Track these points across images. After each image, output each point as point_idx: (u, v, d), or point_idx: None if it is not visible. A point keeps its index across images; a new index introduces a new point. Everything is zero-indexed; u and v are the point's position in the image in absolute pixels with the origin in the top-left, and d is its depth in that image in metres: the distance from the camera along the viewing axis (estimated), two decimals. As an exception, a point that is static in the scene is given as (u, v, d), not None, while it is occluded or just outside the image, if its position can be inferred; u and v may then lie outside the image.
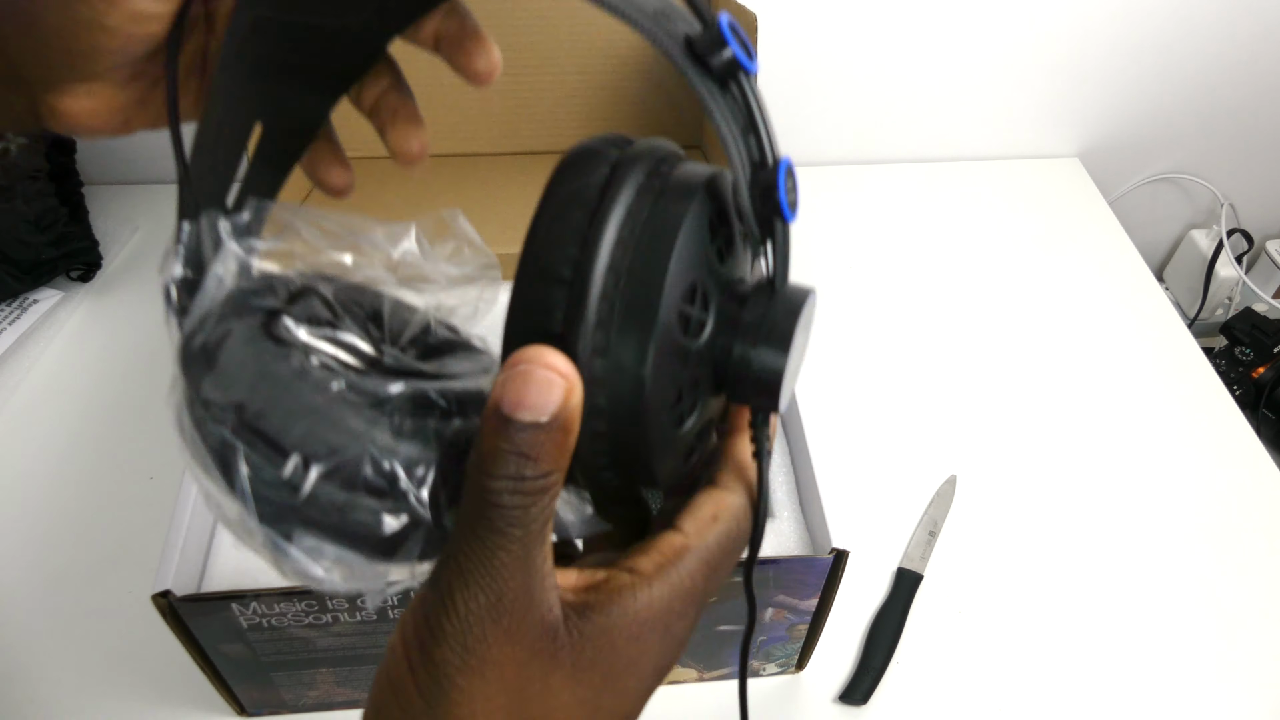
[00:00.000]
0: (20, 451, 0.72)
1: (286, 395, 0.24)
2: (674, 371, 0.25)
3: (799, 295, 0.27)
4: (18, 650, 0.61)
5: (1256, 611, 0.66)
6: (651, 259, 0.24)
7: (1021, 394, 0.80)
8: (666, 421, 0.25)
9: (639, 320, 0.24)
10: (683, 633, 0.26)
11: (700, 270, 0.25)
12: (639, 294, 0.24)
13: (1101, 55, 0.98)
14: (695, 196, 0.25)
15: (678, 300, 0.24)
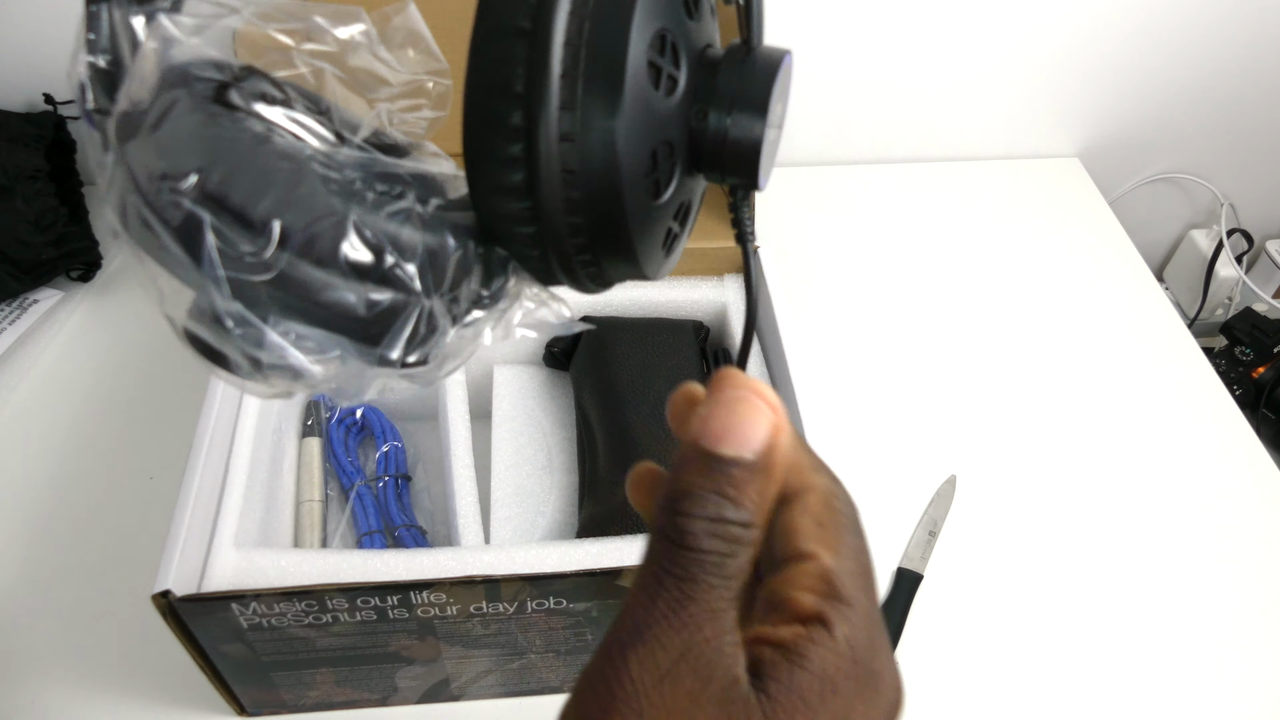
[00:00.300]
0: (20, 451, 0.72)
1: (252, 161, 0.22)
2: (646, 130, 0.23)
3: (775, 56, 0.25)
4: (18, 650, 0.61)
5: (1257, 611, 0.66)
6: (615, 2, 0.22)
7: (1021, 394, 0.80)
8: (642, 188, 0.23)
9: (606, 68, 0.22)
10: (884, 666, 0.21)
11: (669, 18, 0.23)
12: (605, 39, 0.22)
13: (1101, 55, 0.98)
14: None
15: (645, 48, 0.22)
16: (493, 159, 0.22)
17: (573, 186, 0.22)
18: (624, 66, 0.22)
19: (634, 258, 0.24)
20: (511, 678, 0.58)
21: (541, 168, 0.22)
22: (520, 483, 0.67)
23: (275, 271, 0.21)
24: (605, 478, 0.62)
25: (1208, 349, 0.92)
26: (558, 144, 0.22)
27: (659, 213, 0.25)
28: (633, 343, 0.67)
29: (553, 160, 0.22)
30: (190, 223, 0.21)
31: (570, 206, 0.23)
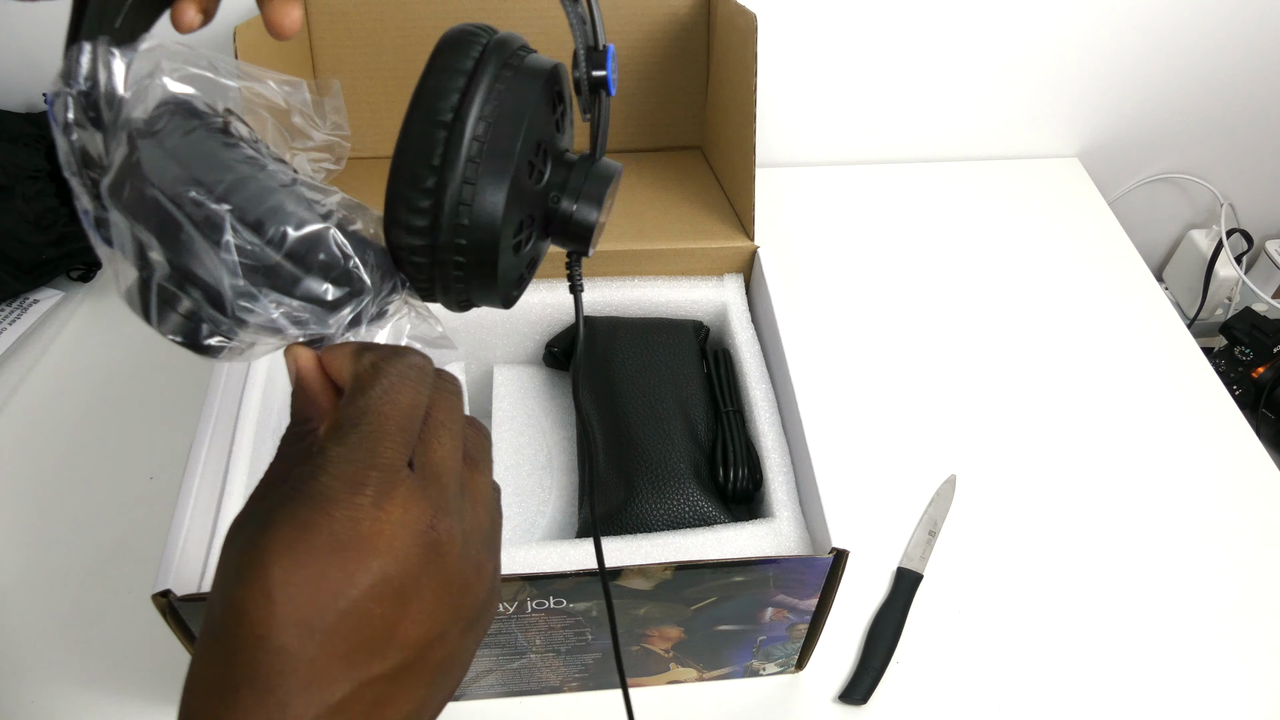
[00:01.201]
0: (20, 451, 0.72)
1: (258, 183, 0.30)
2: (519, 207, 0.32)
3: (611, 168, 0.35)
4: (18, 650, 0.61)
5: (1256, 610, 0.66)
6: (513, 114, 0.31)
7: (1021, 394, 0.80)
8: (510, 246, 0.33)
9: (500, 161, 0.31)
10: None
11: (545, 132, 0.33)
12: (502, 139, 0.31)
13: (1101, 55, 0.98)
14: (544, 75, 0.32)
15: (529, 151, 0.32)
16: (409, 207, 0.31)
17: (461, 238, 0.31)
18: (512, 162, 0.31)
19: (495, 291, 0.33)
20: (511, 678, 0.58)
21: (444, 220, 0.31)
22: (520, 483, 0.67)
23: (271, 263, 0.30)
24: (605, 478, 0.62)
25: (1207, 349, 0.92)
26: (457, 206, 0.31)
27: (517, 263, 0.34)
28: (633, 343, 0.67)
29: (452, 217, 0.31)
30: (214, 219, 0.29)
31: (458, 250, 0.31)
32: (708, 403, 0.65)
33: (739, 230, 0.72)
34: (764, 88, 0.68)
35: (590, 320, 0.70)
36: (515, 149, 0.31)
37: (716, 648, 0.58)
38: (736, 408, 0.65)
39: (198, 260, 0.29)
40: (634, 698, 0.61)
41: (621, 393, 0.64)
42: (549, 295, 0.70)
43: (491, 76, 0.31)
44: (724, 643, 0.57)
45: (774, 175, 1.00)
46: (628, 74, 0.84)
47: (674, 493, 0.59)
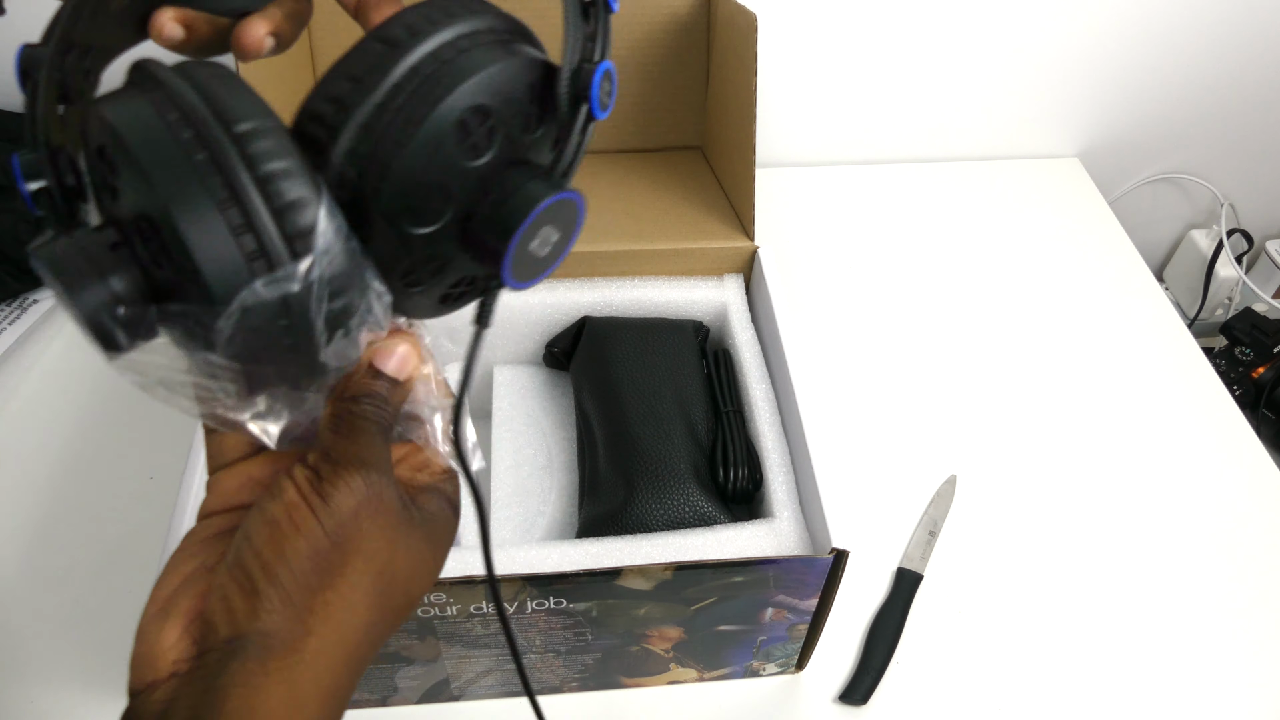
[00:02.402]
0: (20, 451, 0.72)
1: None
2: (435, 169, 0.27)
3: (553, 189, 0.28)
4: (18, 650, 0.61)
5: (1257, 611, 0.66)
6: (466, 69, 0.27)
7: (1021, 394, 0.80)
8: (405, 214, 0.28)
9: (418, 108, 0.26)
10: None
11: (502, 104, 0.28)
12: (440, 84, 0.27)
13: (1101, 55, 0.98)
14: (534, 65, 0.29)
15: (464, 107, 0.27)
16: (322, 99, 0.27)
17: (343, 190, 0.27)
18: (432, 110, 0.26)
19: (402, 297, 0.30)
20: (511, 678, 0.58)
21: (329, 168, 0.27)
22: (520, 483, 0.67)
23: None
24: (605, 478, 0.62)
25: (1208, 349, 0.92)
26: (344, 156, 0.27)
27: (417, 243, 0.29)
28: (633, 343, 0.67)
29: (336, 166, 0.27)
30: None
31: (340, 202, 0.27)
32: (708, 403, 0.65)
33: (739, 230, 0.72)
34: (764, 88, 0.68)
35: (590, 320, 0.70)
36: (443, 98, 0.27)
37: (716, 648, 0.58)
38: (736, 408, 0.65)
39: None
40: (634, 698, 0.61)
41: (621, 393, 0.64)
42: (549, 295, 0.70)
43: (473, 31, 0.28)
44: (724, 643, 0.57)
45: (774, 175, 1.00)
46: (628, 74, 0.84)
47: (674, 493, 0.59)
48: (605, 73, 0.29)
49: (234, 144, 0.25)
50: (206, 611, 0.27)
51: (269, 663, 0.26)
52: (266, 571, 0.26)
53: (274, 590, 0.26)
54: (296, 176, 0.25)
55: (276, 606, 0.26)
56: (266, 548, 0.27)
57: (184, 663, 0.27)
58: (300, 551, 0.27)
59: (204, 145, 0.25)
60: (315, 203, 0.25)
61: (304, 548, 0.27)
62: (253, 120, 0.25)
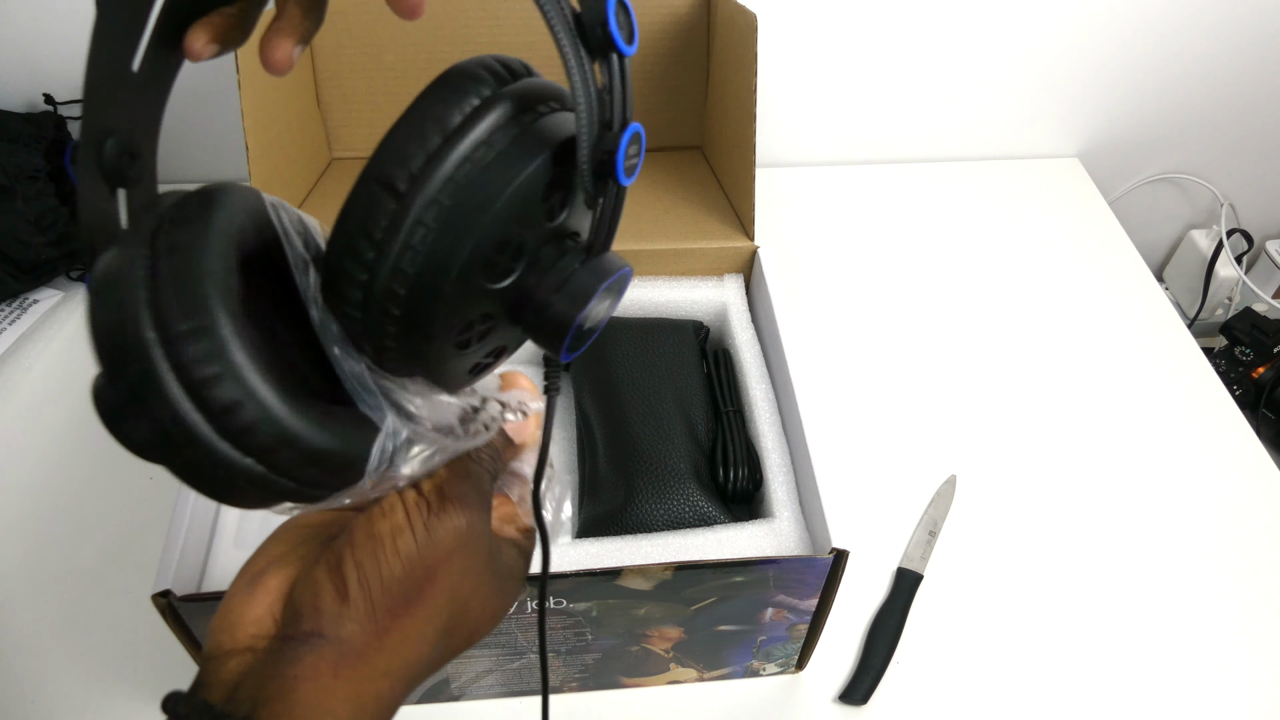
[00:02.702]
0: (20, 451, 0.72)
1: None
2: (465, 305, 0.27)
3: (610, 265, 0.29)
4: (18, 650, 0.61)
5: (1257, 611, 0.66)
6: (478, 201, 0.26)
7: (1021, 394, 0.80)
8: (449, 343, 0.28)
9: (442, 259, 0.26)
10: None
11: (522, 225, 0.27)
12: (450, 236, 0.26)
13: (1101, 55, 0.98)
14: (541, 155, 0.26)
15: (488, 250, 0.27)
16: (342, 273, 0.27)
17: (389, 323, 0.27)
18: (453, 266, 0.26)
19: (440, 384, 0.30)
20: (511, 678, 0.58)
21: (373, 302, 0.26)
22: (520, 483, 0.67)
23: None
24: (605, 478, 0.62)
25: (1208, 349, 0.92)
26: (388, 284, 0.26)
27: (463, 357, 0.30)
28: (633, 343, 0.67)
29: (383, 294, 0.26)
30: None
31: (386, 334, 0.27)
32: (708, 403, 0.65)
33: (739, 230, 0.72)
34: (764, 88, 0.68)
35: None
36: (463, 253, 0.26)
37: (716, 648, 0.58)
38: (736, 408, 0.65)
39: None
40: (634, 698, 0.61)
41: (621, 393, 0.64)
42: (549, 295, 0.70)
43: (471, 147, 0.26)
44: (724, 643, 0.57)
45: (774, 175, 1.00)
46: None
47: (674, 493, 0.59)
48: (633, 137, 0.26)
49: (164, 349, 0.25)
50: (295, 599, 0.28)
51: (341, 667, 0.27)
52: (361, 582, 0.28)
53: (363, 601, 0.27)
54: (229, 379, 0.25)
55: (360, 616, 0.27)
56: (367, 560, 0.28)
57: (262, 639, 0.28)
58: (395, 573, 0.28)
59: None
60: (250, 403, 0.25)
61: (399, 570, 0.28)
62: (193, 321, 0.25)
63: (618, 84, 0.26)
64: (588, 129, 0.26)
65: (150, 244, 0.26)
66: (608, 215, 0.28)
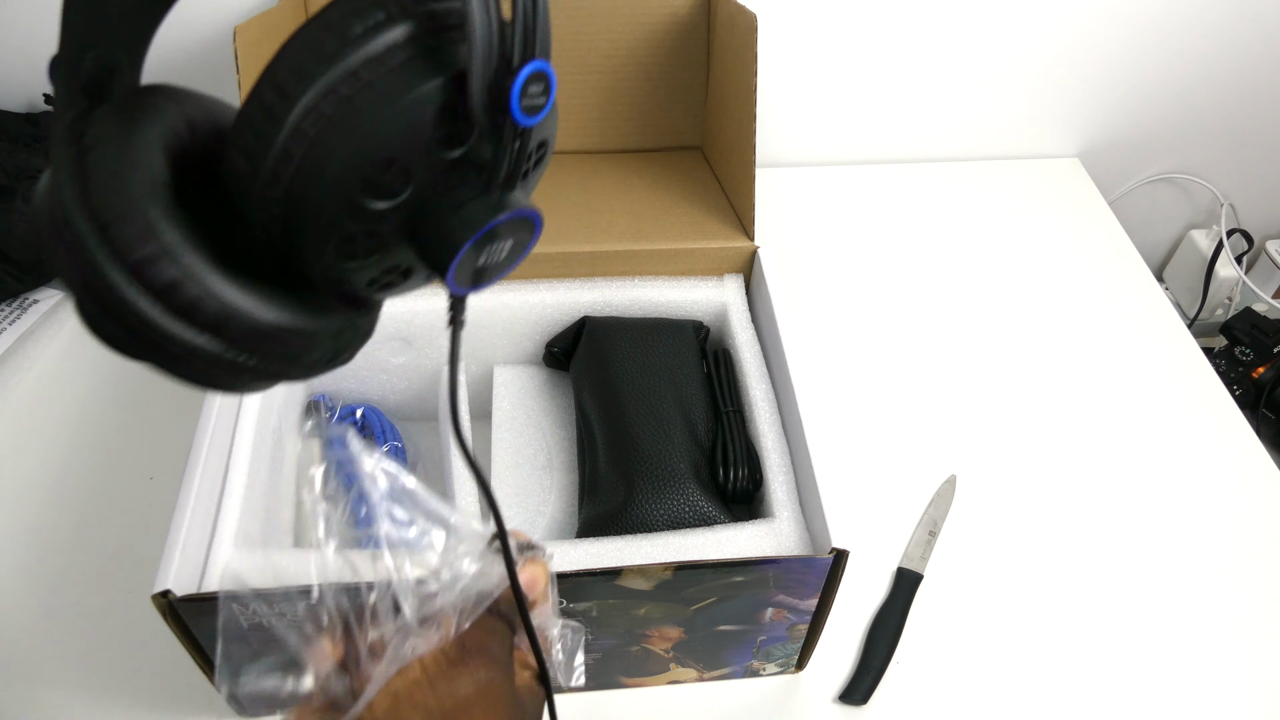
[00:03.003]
0: (20, 451, 0.72)
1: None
2: (343, 219, 0.27)
3: (513, 201, 0.28)
4: (18, 650, 0.61)
5: (1257, 610, 0.66)
6: (356, 123, 0.25)
7: (1021, 394, 0.80)
8: (327, 253, 0.27)
9: (316, 168, 0.25)
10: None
11: (408, 148, 0.26)
12: (324, 148, 0.25)
13: (1101, 55, 0.98)
14: (434, 79, 0.26)
15: (365, 167, 0.26)
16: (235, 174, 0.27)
17: (274, 224, 0.27)
18: (326, 176, 0.25)
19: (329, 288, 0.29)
20: (511, 678, 0.58)
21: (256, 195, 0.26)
22: (520, 483, 0.67)
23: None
24: (605, 478, 0.62)
25: (1208, 349, 0.92)
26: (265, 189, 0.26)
27: (355, 269, 0.28)
28: (633, 343, 0.67)
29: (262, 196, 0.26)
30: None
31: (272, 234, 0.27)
32: (708, 403, 0.65)
33: (739, 230, 0.72)
34: (764, 88, 0.68)
35: (590, 320, 0.70)
36: (336, 164, 0.26)
37: (716, 648, 0.58)
38: (736, 408, 0.65)
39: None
40: (634, 698, 0.61)
41: (621, 393, 0.64)
42: (549, 295, 0.70)
43: (367, 57, 0.25)
44: (724, 643, 0.57)
45: (774, 175, 1.00)
46: (628, 74, 0.84)
47: (674, 493, 0.59)
48: (532, 76, 0.25)
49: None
50: None
51: None
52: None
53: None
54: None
55: None
56: (386, 717, 0.30)
57: None
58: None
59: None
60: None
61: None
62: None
63: (526, 15, 0.25)
64: (482, 60, 0.25)
65: (78, 140, 0.26)
66: (510, 155, 0.27)
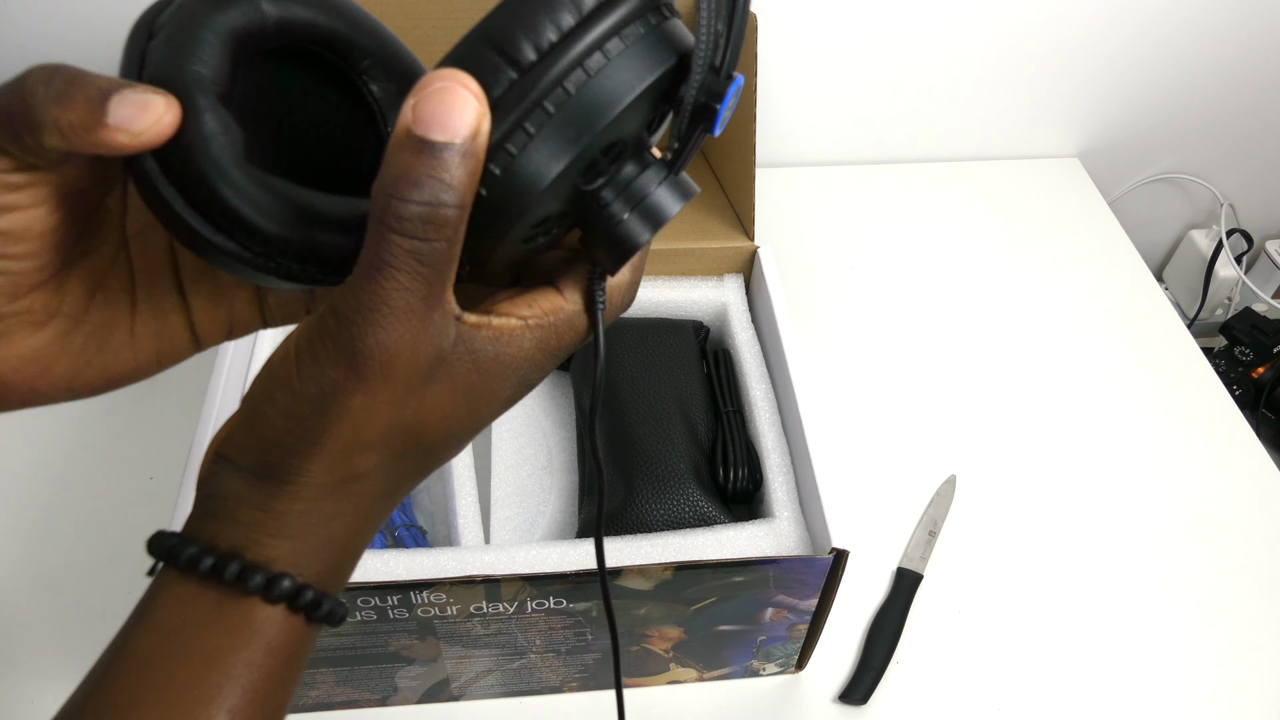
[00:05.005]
0: (20, 451, 0.72)
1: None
2: (552, 203, 0.26)
3: (689, 187, 0.27)
4: (17, 650, 0.61)
5: (1256, 611, 0.66)
6: (604, 99, 0.24)
7: (1021, 394, 0.80)
8: (520, 236, 0.26)
9: (560, 148, 0.24)
10: (535, 380, 0.29)
11: (630, 129, 0.26)
12: (573, 123, 0.23)
13: (1101, 55, 0.98)
14: (671, 60, 0.25)
15: (598, 151, 0.25)
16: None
17: (481, 187, 0.24)
18: (572, 160, 0.24)
19: (479, 269, 0.27)
20: (511, 678, 0.58)
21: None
22: (520, 483, 0.67)
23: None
24: (605, 478, 0.62)
25: (1207, 349, 0.92)
26: (497, 149, 0.24)
27: (519, 252, 0.28)
28: (633, 343, 0.67)
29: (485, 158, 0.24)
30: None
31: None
32: (708, 403, 0.65)
33: (739, 230, 0.72)
34: (764, 88, 0.69)
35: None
36: (583, 147, 0.24)
37: (716, 648, 0.58)
38: (736, 408, 0.65)
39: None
40: (634, 698, 0.61)
41: (621, 393, 0.64)
42: (549, 295, 0.70)
43: (622, 18, 0.24)
44: (724, 643, 0.57)
45: (774, 175, 1.00)
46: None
47: (674, 493, 0.59)
48: (737, 89, 0.25)
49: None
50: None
51: (262, 499, 0.26)
52: (251, 416, 0.26)
53: (250, 435, 0.26)
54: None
55: (253, 449, 0.26)
56: (260, 395, 0.26)
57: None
58: (281, 408, 0.25)
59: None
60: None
61: (283, 402, 0.25)
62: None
63: (738, 28, 0.24)
64: (704, 62, 0.24)
65: (151, 24, 0.26)
66: (691, 150, 0.27)
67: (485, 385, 0.27)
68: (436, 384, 0.26)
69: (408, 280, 0.23)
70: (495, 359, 0.27)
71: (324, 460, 0.25)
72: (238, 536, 0.25)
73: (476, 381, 0.27)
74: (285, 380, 0.25)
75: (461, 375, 0.26)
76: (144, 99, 0.24)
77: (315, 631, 0.27)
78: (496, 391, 0.27)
